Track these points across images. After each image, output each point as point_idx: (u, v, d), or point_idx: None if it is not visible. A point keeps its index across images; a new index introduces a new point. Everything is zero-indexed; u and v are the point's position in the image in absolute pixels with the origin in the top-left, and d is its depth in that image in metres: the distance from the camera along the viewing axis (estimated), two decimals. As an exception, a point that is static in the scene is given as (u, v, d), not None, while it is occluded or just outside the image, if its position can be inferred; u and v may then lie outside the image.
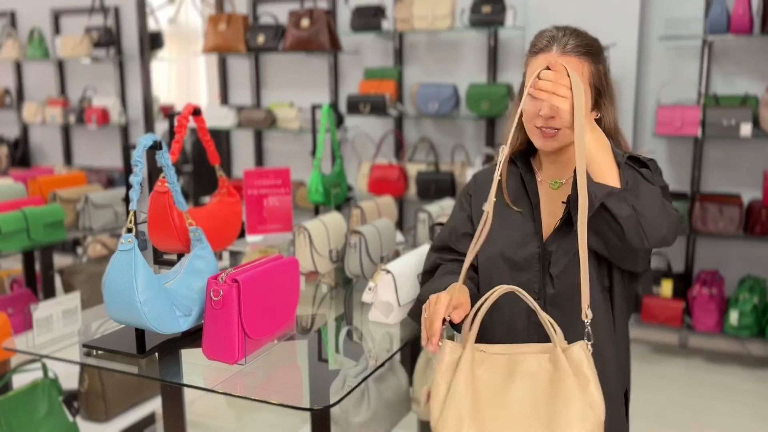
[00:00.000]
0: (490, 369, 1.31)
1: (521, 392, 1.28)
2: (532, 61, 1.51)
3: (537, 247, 1.52)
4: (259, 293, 1.56)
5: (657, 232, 1.34)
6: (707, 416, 3.33)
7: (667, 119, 3.84)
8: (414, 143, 4.61)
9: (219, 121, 4.84)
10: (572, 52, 1.47)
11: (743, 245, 4.04)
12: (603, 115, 1.53)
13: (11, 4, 6.03)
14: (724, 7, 3.66)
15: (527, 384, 1.29)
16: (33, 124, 5.88)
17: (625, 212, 1.31)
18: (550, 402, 1.26)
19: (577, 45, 1.48)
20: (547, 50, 1.49)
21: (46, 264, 3.31)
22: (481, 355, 1.33)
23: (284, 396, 1.56)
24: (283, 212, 2.69)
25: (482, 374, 1.31)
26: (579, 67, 1.47)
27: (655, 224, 1.33)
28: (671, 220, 1.37)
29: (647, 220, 1.32)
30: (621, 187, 1.32)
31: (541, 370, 1.29)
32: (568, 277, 1.48)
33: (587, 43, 1.50)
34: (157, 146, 1.60)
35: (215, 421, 3.24)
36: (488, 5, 4.05)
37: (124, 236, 1.48)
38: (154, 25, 5.41)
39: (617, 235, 1.34)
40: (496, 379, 1.30)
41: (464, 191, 1.73)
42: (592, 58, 1.50)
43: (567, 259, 1.48)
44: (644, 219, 1.32)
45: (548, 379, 1.28)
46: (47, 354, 1.77)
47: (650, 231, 1.33)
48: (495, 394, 1.29)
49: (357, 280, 2.34)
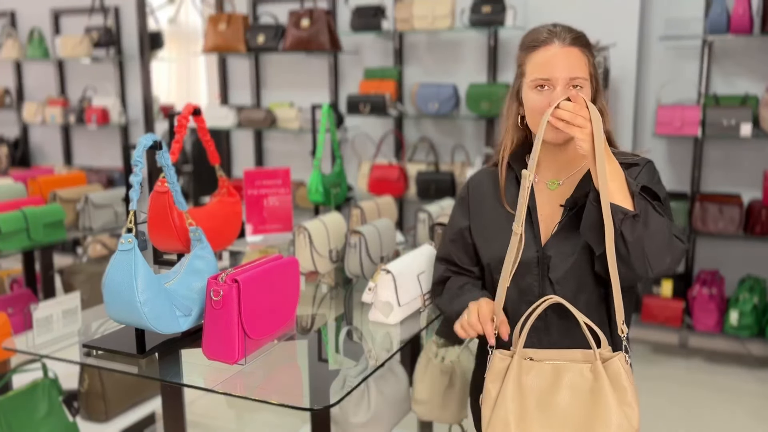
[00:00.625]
0: (536, 377, 1.38)
1: (564, 401, 1.35)
2: (533, 56, 1.51)
3: (535, 251, 1.52)
4: (259, 293, 1.56)
5: (661, 263, 1.37)
6: (707, 416, 3.33)
7: (667, 119, 3.84)
8: (414, 143, 4.61)
9: (219, 121, 4.84)
10: (573, 44, 1.49)
11: (743, 245, 4.04)
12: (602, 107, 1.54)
13: (11, 4, 6.03)
14: (724, 7, 3.66)
15: (570, 393, 1.35)
16: (33, 124, 5.88)
17: (634, 238, 1.33)
18: (590, 412, 1.33)
19: (575, 37, 1.51)
20: (547, 43, 1.50)
21: (46, 264, 3.31)
22: (529, 364, 1.38)
23: (284, 396, 1.56)
24: (283, 212, 2.69)
25: (529, 382, 1.37)
26: (581, 59, 1.49)
27: (660, 256, 1.36)
28: (675, 253, 1.39)
29: (653, 251, 1.35)
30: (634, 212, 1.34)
31: (584, 380, 1.36)
32: (568, 282, 1.49)
33: (582, 36, 1.53)
34: (157, 146, 1.60)
35: (215, 421, 3.24)
36: (488, 5, 4.05)
37: (124, 236, 1.48)
38: (154, 25, 5.41)
39: (622, 258, 1.36)
40: (542, 387, 1.37)
41: (460, 199, 1.72)
42: (589, 50, 1.53)
43: (567, 265, 1.49)
44: (650, 249, 1.34)
45: (589, 389, 1.35)
46: (47, 354, 1.77)
47: (654, 261, 1.36)
48: (541, 401, 1.36)
49: (357, 280, 2.34)
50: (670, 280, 4.02)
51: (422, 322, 1.96)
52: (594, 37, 3.75)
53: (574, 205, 1.51)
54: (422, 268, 2.00)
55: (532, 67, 1.50)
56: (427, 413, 2.13)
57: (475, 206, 1.66)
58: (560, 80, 1.46)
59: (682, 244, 1.41)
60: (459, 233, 1.68)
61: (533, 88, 1.50)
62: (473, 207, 1.67)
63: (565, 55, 1.47)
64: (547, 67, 1.47)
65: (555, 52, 1.48)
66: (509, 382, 1.37)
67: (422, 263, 2.01)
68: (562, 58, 1.47)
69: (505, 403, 1.35)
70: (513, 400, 1.36)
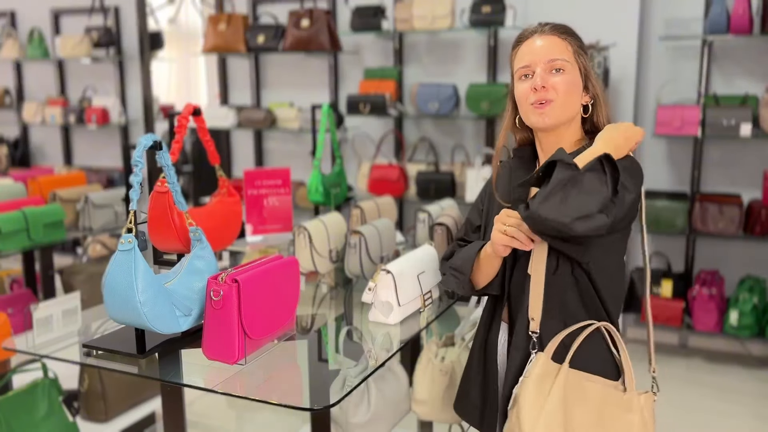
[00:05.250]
0: (581, 392, 1.45)
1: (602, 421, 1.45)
2: (517, 51, 1.57)
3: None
4: (259, 293, 1.56)
5: (579, 210, 1.28)
6: (707, 416, 3.33)
7: (667, 119, 3.84)
8: (414, 143, 4.61)
9: (219, 121, 4.83)
10: (553, 32, 1.53)
11: (743, 245, 4.04)
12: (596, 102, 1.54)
13: (11, 4, 6.03)
14: (724, 7, 3.66)
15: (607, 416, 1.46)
16: (33, 124, 5.88)
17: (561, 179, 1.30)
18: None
19: (555, 26, 1.55)
20: (529, 37, 1.55)
21: (46, 264, 3.31)
22: (576, 378, 1.44)
23: (284, 396, 1.56)
24: (283, 212, 2.69)
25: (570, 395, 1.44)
26: (561, 44, 1.52)
27: (577, 206, 1.28)
28: (590, 218, 1.29)
29: (575, 200, 1.28)
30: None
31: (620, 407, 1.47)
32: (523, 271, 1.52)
33: (564, 26, 1.56)
34: (157, 146, 1.60)
35: (215, 421, 3.24)
36: (488, 5, 4.04)
37: (124, 236, 1.48)
38: (154, 25, 5.41)
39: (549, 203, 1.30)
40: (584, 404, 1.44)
41: (486, 186, 1.76)
42: (573, 39, 1.55)
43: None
44: (573, 198, 1.28)
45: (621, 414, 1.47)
46: (47, 354, 1.77)
47: (573, 209, 1.27)
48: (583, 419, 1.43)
49: (357, 280, 2.34)
50: (670, 280, 4.02)
51: (422, 322, 1.97)
52: (594, 37, 3.77)
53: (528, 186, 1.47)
54: (422, 268, 2.00)
55: (517, 61, 1.56)
56: (427, 413, 2.13)
57: (487, 205, 1.69)
58: (539, 63, 1.50)
59: (601, 216, 1.29)
60: (473, 212, 1.73)
61: (518, 79, 1.55)
62: (490, 196, 1.69)
63: (543, 41, 1.52)
64: (526, 55, 1.53)
65: (534, 40, 1.53)
66: (555, 394, 1.42)
67: (422, 263, 2.01)
68: (541, 43, 1.52)
69: (550, 414, 1.40)
70: (559, 410, 1.41)
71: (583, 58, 1.54)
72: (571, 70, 1.50)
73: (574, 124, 1.55)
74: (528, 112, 1.52)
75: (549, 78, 1.49)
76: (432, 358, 2.12)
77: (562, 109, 1.49)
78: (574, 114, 1.53)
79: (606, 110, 1.56)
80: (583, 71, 1.53)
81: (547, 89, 1.48)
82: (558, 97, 1.48)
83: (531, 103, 1.50)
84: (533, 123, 1.53)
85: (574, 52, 1.52)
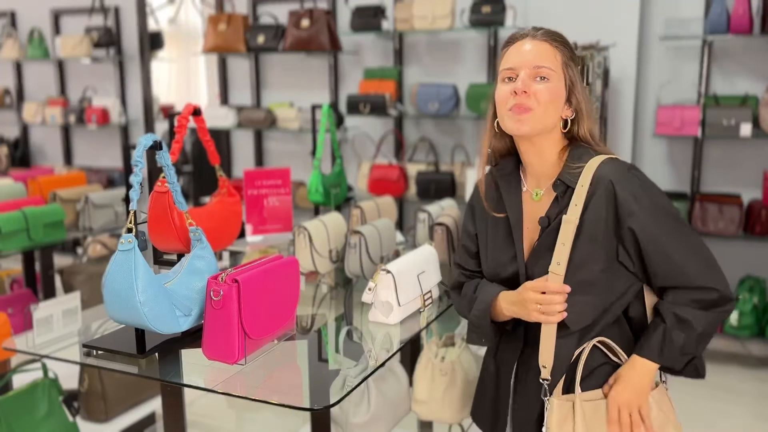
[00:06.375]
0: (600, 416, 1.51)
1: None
2: (505, 53, 1.52)
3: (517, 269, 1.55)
4: (259, 293, 1.56)
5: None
6: (707, 416, 3.33)
7: (667, 119, 3.84)
8: (414, 143, 4.61)
9: (219, 121, 4.84)
10: (544, 38, 1.49)
11: (743, 245, 4.04)
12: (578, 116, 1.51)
13: (11, 4, 6.03)
14: (724, 7, 3.66)
15: None
16: (33, 124, 5.88)
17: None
18: None
19: (547, 32, 1.51)
20: (519, 40, 1.51)
21: (46, 264, 3.31)
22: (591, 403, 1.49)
23: (284, 396, 1.56)
24: (283, 212, 2.69)
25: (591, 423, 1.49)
26: (551, 52, 1.48)
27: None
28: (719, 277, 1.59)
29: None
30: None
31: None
32: None
33: (556, 33, 1.52)
34: (157, 146, 1.60)
35: (215, 421, 3.24)
36: (488, 5, 4.04)
37: (124, 236, 1.48)
38: (154, 25, 5.41)
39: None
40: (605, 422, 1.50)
41: (469, 205, 1.73)
42: (565, 48, 1.51)
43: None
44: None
45: None
46: (47, 354, 1.77)
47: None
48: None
49: (357, 280, 2.34)
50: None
51: (422, 322, 1.96)
52: (594, 37, 3.77)
53: (548, 224, 1.50)
54: (422, 268, 2.00)
55: (503, 62, 1.51)
56: (427, 413, 2.13)
57: (481, 212, 1.66)
58: (524, 67, 1.46)
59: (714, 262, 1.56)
60: (465, 238, 1.71)
61: (501, 80, 1.51)
62: (480, 213, 1.67)
63: (532, 46, 1.48)
64: (513, 57, 1.49)
65: (524, 44, 1.49)
66: (579, 427, 1.46)
67: (422, 263, 2.01)
68: (529, 48, 1.48)
69: None
70: None
71: (572, 70, 1.49)
72: (556, 79, 1.46)
73: (554, 133, 1.51)
74: (505, 116, 1.48)
75: (532, 84, 1.44)
76: (432, 358, 2.12)
77: (541, 119, 1.45)
78: (552, 125, 1.49)
79: (589, 124, 1.52)
80: (569, 83, 1.49)
81: (529, 95, 1.44)
82: (538, 107, 1.44)
83: (509, 108, 1.46)
84: (509, 128, 1.49)
85: (562, 62, 1.48)
